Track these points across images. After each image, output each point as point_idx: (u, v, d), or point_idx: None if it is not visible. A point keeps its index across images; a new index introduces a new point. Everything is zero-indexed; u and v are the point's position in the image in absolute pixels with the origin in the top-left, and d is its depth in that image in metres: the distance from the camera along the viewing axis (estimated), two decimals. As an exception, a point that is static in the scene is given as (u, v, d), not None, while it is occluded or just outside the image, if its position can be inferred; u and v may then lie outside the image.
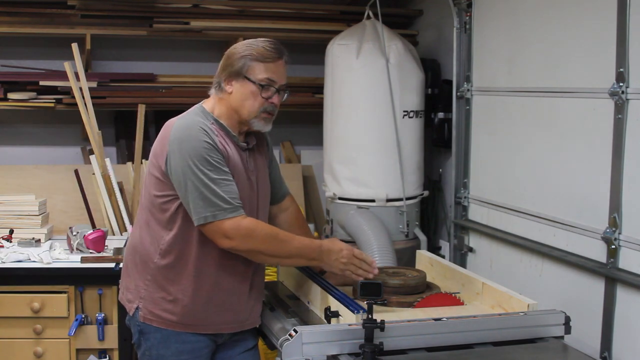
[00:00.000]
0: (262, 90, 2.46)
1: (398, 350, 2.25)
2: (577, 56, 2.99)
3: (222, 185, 2.35)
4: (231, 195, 2.36)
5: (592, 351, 2.75)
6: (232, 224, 2.35)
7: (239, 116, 2.48)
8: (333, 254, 2.48)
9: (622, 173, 2.72)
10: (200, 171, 2.34)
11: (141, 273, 2.50)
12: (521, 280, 3.34)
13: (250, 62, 2.45)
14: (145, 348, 2.52)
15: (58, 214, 4.11)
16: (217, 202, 2.34)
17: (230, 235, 2.35)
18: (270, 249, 2.41)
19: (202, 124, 2.42)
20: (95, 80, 4.27)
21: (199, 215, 2.35)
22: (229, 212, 2.35)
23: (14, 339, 3.37)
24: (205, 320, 2.48)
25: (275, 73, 2.49)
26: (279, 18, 4.54)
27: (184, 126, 2.42)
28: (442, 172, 4.33)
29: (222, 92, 2.49)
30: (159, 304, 2.46)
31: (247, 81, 2.45)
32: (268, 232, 2.41)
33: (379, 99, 3.82)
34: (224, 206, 2.34)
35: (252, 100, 2.46)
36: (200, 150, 2.35)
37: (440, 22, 4.36)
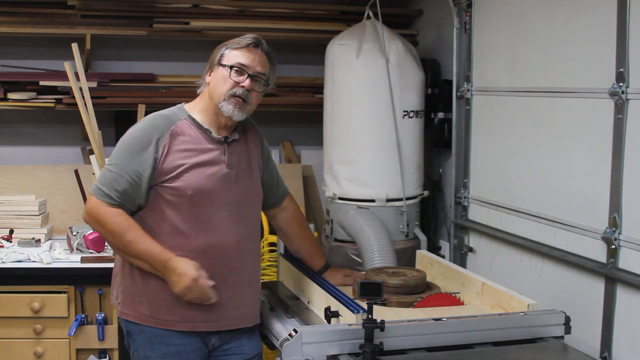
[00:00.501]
0: (231, 72, 2.51)
1: (398, 350, 2.25)
2: (577, 56, 2.98)
3: (116, 175, 2.43)
4: (116, 186, 2.43)
5: (592, 351, 2.75)
6: (95, 203, 2.44)
7: (212, 103, 2.54)
8: (174, 275, 2.38)
9: (622, 173, 2.72)
10: (116, 153, 2.48)
11: (118, 269, 2.56)
12: (521, 280, 3.33)
13: (224, 51, 2.55)
14: (133, 349, 2.53)
15: (58, 214, 4.12)
16: (103, 181, 2.45)
17: (88, 212, 2.46)
18: (112, 242, 2.47)
19: (162, 117, 2.54)
20: (95, 80, 4.27)
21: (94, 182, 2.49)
22: (101, 195, 2.43)
23: (14, 339, 3.38)
24: (179, 317, 2.45)
25: (247, 59, 2.53)
26: (279, 18, 4.54)
27: (146, 118, 2.57)
28: (442, 172, 4.33)
29: (204, 85, 2.60)
30: (132, 298, 2.49)
31: (220, 67, 2.53)
32: (119, 227, 2.42)
33: (379, 99, 3.82)
34: (102, 188, 2.44)
35: (222, 83, 2.52)
36: (130, 137, 2.49)
37: (440, 22, 4.36)
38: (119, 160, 2.46)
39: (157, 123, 2.51)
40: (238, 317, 2.55)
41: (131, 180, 2.43)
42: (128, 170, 2.43)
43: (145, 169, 2.43)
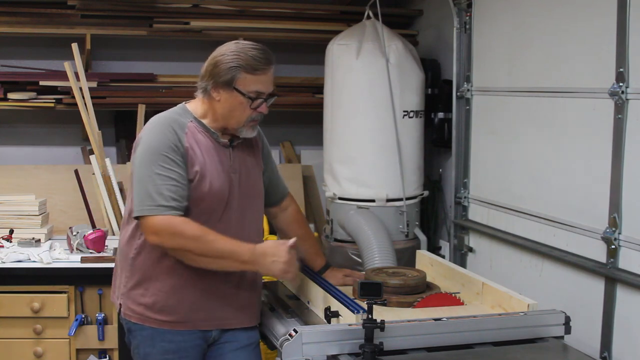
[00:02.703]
0: (251, 102, 2.44)
1: (398, 350, 2.25)
2: (577, 56, 2.98)
3: (165, 184, 2.34)
4: (172, 194, 2.34)
5: (592, 351, 2.75)
6: (162, 220, 2.33)
7: (225, 124, 2.48)
8: (268, 257, 2.37)
9: (622, 173, 2.72)
10: (150, 165, 2.36)
11: (122, 269, 2.53)
12: (521, 280, 3.34)
13: (239, 74, 2.40)
14: (134, 346, 2.53)
15: (58, 214, 4.12)
16: (155, 197, 2.33)
17: (157, 231, 2.34)
18: (199, 247, 2.35)
19: (172, 120, 2.45)
20: (95, 80, 4.27)
21: (136, 208, 2.36)
22: (163, 210, 2.33)
23: (14, 339, 3.38)
24: (180, 317, 2.46)
25: (264, 83, 2.44)
26: (279, 18, 4.54)
27: (154, 121, 2.47)
28: (442, 172, 4.33)
29: (209, 97, 2.48)
30: (136, 299, 2.47)
31: (236, 92, 2.42)
32: (196, 231, 2.35)
33: (379, 99, 3.82)
34: (159, 202, 2.33)
35: (240, 111, 2.45)
36: (157, 145, 2.38)
37: (440, 22, 4.36)
38: (159, 170, 2.34)
39: (174, 127, 2.42)
40: (240, 317, 2.56)
41: (179, 185, 2.36)
42: (173, 176, 2.35)
43: (183, 172, 2.39)
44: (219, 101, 2.45)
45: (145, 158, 2.38)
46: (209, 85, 2.46)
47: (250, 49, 2.43)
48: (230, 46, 2.47)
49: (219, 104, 2.45)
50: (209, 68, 2.47)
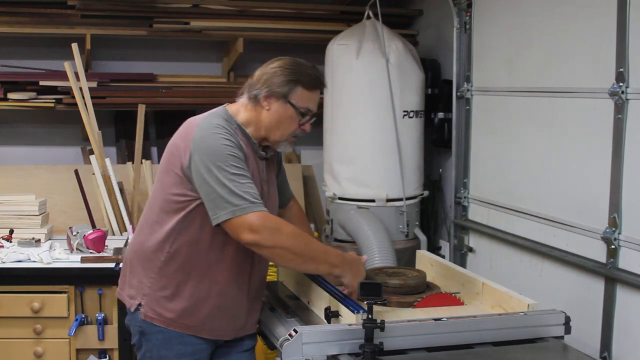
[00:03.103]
0: (301, 117, 2.47)
1: (398, 350, 2.25)
2: (577, 56, 2.99)
3: (246, 182, 2.31)
4: (253, 192, 2.31)
5: (592, 351, 2.75)
6: (259, 216, 2.27)
7: (268, 134, 2.47)
8: (354, 267, 2.49)
9: (622, 173, 2.72)
10: (225, 169, 2.29)
11: (146, 270, 2.48)
12: (521, 280, 3.34)
13: (297, 88, 2.43)
14: (146, 349, 2.50)
15: (58, 214, 4.11)
16: (243, 196, 2.28)
17: (255, 228, 2.27)
18: (297, 246, 2.33)
19: (226, 125, 2.40)
20: (95, 80, 4.27)
21: (224, 211, 2.28)
22: (255, 206, 2.28)
23: (14, 339, 3.38)
24: (204, 324, 2.47)
25: (314, 102, 2.50)
26: (279, 18, 4.54)
27: (208, 125, 2.38)
28: (442, 172, 4.33)
29: (256, 104, 2.46)
30: (161, 302, 2.46)
31: (289, 105, 2.44)
32: (294, 229, 2.36)
33: (379, 99, 3.82)
34: (251, 200, 2.28)
35: (288, 124, 2.46)
36: (224, 148, 2.32)
37: (440, 22, 4.36)
38: (235, 170, 2.30)
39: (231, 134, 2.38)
40: (251, 323, 2.60)
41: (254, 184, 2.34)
42: (248, 175, 2.33)
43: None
44: (268, 110, 2.45)
45: (215, 161, 2.30)
46: (261, 93, 2.44)
47: (308, 67, 2.49)
48: (288, 60, 2.49)
49: (267, 114, 2.45)
50: (264, 76, 2.45)
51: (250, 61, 4.76)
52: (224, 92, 4.53)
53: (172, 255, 2.44)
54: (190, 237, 2.42)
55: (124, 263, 2.63)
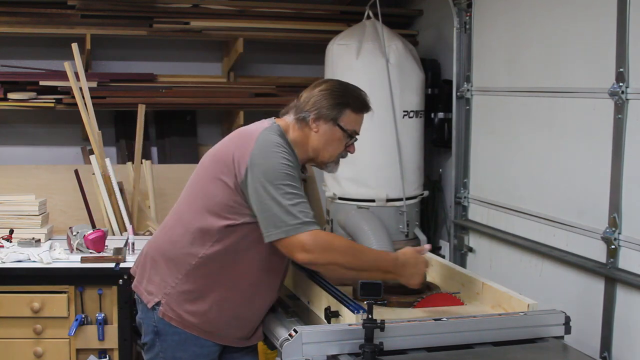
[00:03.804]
0: (347, 139, 2.51)
1: (398, 350, 2.25)
2: (577, 56, 2.99)
3: (301, 202, 2.34)
4: (307, 211, 2.35)
5: (592, 351, 2.75)
6: (311, 235, 2.32)
7: (316, 155, 2.51)
8: (409, 267, 2.47)
9: (622, 173, 2.72)
10: (282, 187, 2.32)
11: (172, 270, 2.47)
12: (521, 280, 3.34)
13: (346, 111, 2.48)
14: (160, 349, 2.50)
15: (58, 214, 4.11)
16: (297, 215, 2.31)
17: (308, 248, 2.31)
18: (348, 260, 2.37)
19: (284, 144, 2.41)
20: (95, 80, 4.27)
21: (278, 230, 2.31)
22: (308, 225, 2.32)
23: (14, 339, 3.37)
24: (219, 330, 2.48)
25: (360, 124, 2.54)
26: (279, 18, 4.54)
27: (268, 142, 2.38)
28: (442, 172, 4.33)
29: (304, 126, 2.48)
30: (182, 304, 2.45)
31: (338, 128, 2.48)
32: (345, 243, 2.41)
33: (379, 99, 3.81)
34: (305, 219, 2.32)
35: (336, 146, 2.51)
36: (283, 167, 2.34)
37: (440, 22, 4.36)
38: (291, 189, 2.33)
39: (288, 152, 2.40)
40: (259, 333, 2.62)
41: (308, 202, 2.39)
42: (302, 194, 2.37)
43: None
44: (316, 132, 2.48)
45: (273, 180, 2.32)
46: (309, 115, 2.47)
47: (355, 89, 2.54)
48: (335, 82, 2.56)
49: (315, 135, 2.48)
50: (312, 98, 2.48)
51: (250, 61, 4.77)
52: (224, 92, 4.53)
53: (205, 260, 2.43)
54: (228, 246, 2.42)
55: (145, 257, 2.59)
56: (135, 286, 2.59)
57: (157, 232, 2.63)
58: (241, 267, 2.44)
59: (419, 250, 2.55)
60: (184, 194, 2.57)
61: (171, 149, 4.68)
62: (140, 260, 2.61)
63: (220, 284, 2.45)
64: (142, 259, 2.61)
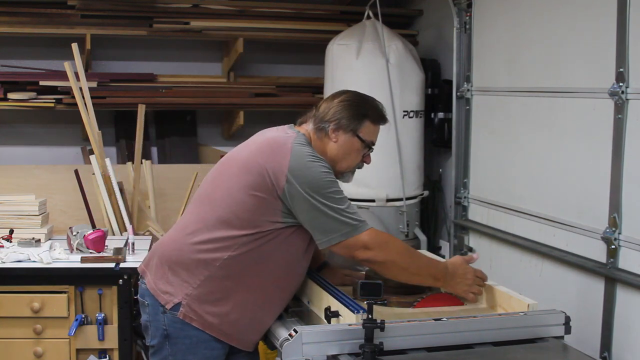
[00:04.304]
0: (365, 149, 2.56)
1: (398, 350, 2.25)
2: (577, 56, 2.99)
3: (349, 205, 2.42)
4: (357, 213, 2.42)
5: (592, 351, 2.75)
6: (370, 234, 2.40)
7: (334, 165, 2.53)
8: (458, 277, 2.55)
9: (622, 173, 2.72)
10: (330, 195, 2.39)
11: (193, 273, 2.45)
12: (521, 280, 3.34)
13: (365, 122, 2.53)
14: (168, 353, 2.49)
15: (58, 214, 4.11)
16: (351, 216, 2.40)
17: (369, 246, 2.40)
18: (404, 260, 2.45)
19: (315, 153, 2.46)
20: (95, 80, 4.27)
21: (336, 234, 2.38)
22: (365, 225, 2.41)
23: (14, 339, 3.37)
24: (239, 333, 2.49)
25: (377, 135, 2.59)
26: (279, 18, 4.54)
27: (303, 155, 2.42)
28: (442, 172, 4.33)
29: (324, 135, 2.53)
30: (204, 305, 2.45)
31: (357, 138, 2.53)
32: (401, 244, 2.48)
33: (379, 99, 3.76)
34: (360, 219, 2.41)
35: (354, 156, 2.56)
36: (325, 175, 2.40)
37: (440, 22, 4.36)
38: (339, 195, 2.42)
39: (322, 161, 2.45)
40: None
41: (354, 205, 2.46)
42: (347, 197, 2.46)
43: None
44: (335, 142, 2.53)
45: (320, 190, 2.38)
46: (329, 125, 2.51)
47: (373, 100, 2.60)
48: (354, 94, 2.60)
49: (333, 145, 2.53)
50: (333, 109, 2.53)
51: (250, 61, 4.77)
52: (224, 92, 4.54)
53: (229, 262, 2.43)
54: (257, 252, 2.43)
55: (160, 258, 2.54)
56: (150, 287, 2.53)
57: (174, 233, 2.59)
58: (264, 269, 2.45)
59: (468, 260, 2.62)
60: (206, 196, 2.54)
61: (171, 149, 4.68)
62: (154, 261, 2.57)
63: (243, 285, 2.45)
64: (156, 260, 2.56)
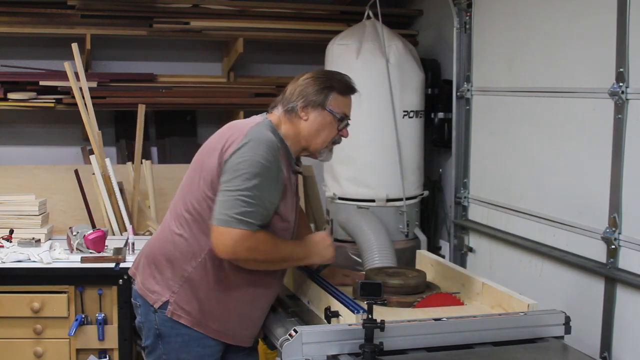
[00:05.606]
0: (338, 123, 2.52)
1: (398, 350, 2.25)
2: (577, 56, 2.99)
3: (261, 206, 2.34)
4: (256, 215, 2.33)
5: (592, 351, 2.75)
6: (241, 234, 2.31)
7: (308, 144, 2.51)
8: (320, 244, 2.55)
9: (622, 173, 2.72)
10: (255, 182, 2.32)
11: (177, 270, 2.46)
12: (521, 280, 3.34)
13: (332, 94, 2.49)
14: (162, 352, 2.49)
15: (58, 214, 4.11)
16: (241, 211, 2.31)
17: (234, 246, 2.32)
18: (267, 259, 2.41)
19: (274, 141, 2.41)
20: (95, 80, 4.27)
21: (218, 216, 2.31)
22: (244, 225, 2.31)
23: (14, 339, 3.37)
24: (228, 330, 2.48)
25: (349, 107, 2.55)
26: (279, 18, 4.55)
27: (257, 135, 2.38)
28: (442, 172, 4.33)
29: (293, 117, 2.49)
30: (192, 302, 2.45)
31: (327, 113, 2.49)
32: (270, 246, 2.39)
33: (379, 99, 3.82)
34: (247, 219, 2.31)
35: (327, 131, 2.51)
36: (263, 164, 2.34)
37: (440, 22, 4.36)
38: (255, 191, 2.32)
39: (275, 150, 2.39)
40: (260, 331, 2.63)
41: (269, 208, 2.37)
42: (266, 199, 2.35)
43: (277, 198, 2.40)
44: (306, 120, 2.49)
45: (247, 174, 2.33)
46: (297, 105, 2.48)
47: (338, 74, 2.57)
48: (318, 71, 2.57)
49: (305, 124, 2.49)
50: (297, 88, 2.50)
51: (250, 61, 4.77)
52: (224, 92, 4.54)
53: (212, 256, 2.42)
54: None
55: (146, 258, 2.56)
56: (139, 288, 2.55)
57: (157, 232, 2.62)
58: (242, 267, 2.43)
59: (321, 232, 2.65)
60: (180, 190, 2.56)
61: (171, 149, 4.68)
62: (141, 261, 2.59)
63: (227, 281, 2.44)
64: (143, 260, 2.58)
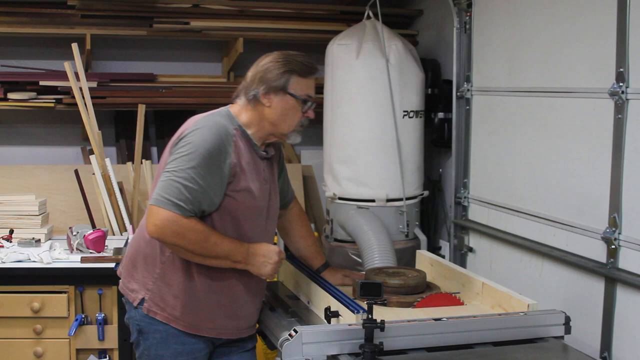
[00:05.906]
0: (302, 105, 2.48)
1: (398, 350, 2.25)
2: (577, 56, 2.99)
3: (193, 188, 2.32)
4: (194, 199, 2.32)
5: (592, 351, 2.75)
6: (171, 217, 2.30)
7: (275, 129, 2.49)
8: (258, 257, 2.44)
9: (622, 173, 2.72)
10: (194, 166, 2.32)
11: (149, 266, 2.49)
12: (521, 280, 3.34)
13: (292, 77, 2.46)
14: (144, 347, 2.51)
15: (58, 214, 4.11)
16: (177, 194, 2.31)
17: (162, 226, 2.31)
18: (195, 250, 2.36)
19: (223, 129, 2.41)
20: (95, 80, 4.27)
21: (155, 195, 2.33)
22: (177, 209, 2.30)
23: (14, 339, 3.38)
24: (204, 322, 2.48)
25: (311, 88, 2.52)
26: (279, 18, 4.55)
27: (205, 123, 2.42)
28: (442, 172, 4.33)
29: (256, 104, 2.47)
30: (165, 297, 2.46)
31: (289, 96, 2.46)
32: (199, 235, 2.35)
33: (379, 99, 3.82)
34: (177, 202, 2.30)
35: (292, 115, 2.48)
36: (202, 151, 2.34)
37: (440, 22, 4.36)
38: (193, 174, 2.32)
39: (223, 138, 2.39)
40: (253, 324, 2.62)
41: (206, 193, 2.35)
42: (203, 184, 2.33)
43: (218, 185, 2.38)
44: (270, 107, 2.47)
45: (187, 157, 2.34)
46: (258, 91, 2.46)
47: (297, 56, 2.52)
48: (276, 54, 2.52)
49: (269, 110, 2.47)
50: (258, 75, 2.48)
51: (250, 61, 4.71)
52: (224, 92, 4.53)
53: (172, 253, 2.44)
54: None
55: (127, 255, 2.61)
56: (120, 287, 2.60)
57: (136, 232, 2.64)
58: None
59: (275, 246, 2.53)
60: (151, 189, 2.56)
61: (171, 149, 4.68)
62: (125, 260, 2.63)
63: (196, 273, 2.44)
64: (126, 260, 2.62)
